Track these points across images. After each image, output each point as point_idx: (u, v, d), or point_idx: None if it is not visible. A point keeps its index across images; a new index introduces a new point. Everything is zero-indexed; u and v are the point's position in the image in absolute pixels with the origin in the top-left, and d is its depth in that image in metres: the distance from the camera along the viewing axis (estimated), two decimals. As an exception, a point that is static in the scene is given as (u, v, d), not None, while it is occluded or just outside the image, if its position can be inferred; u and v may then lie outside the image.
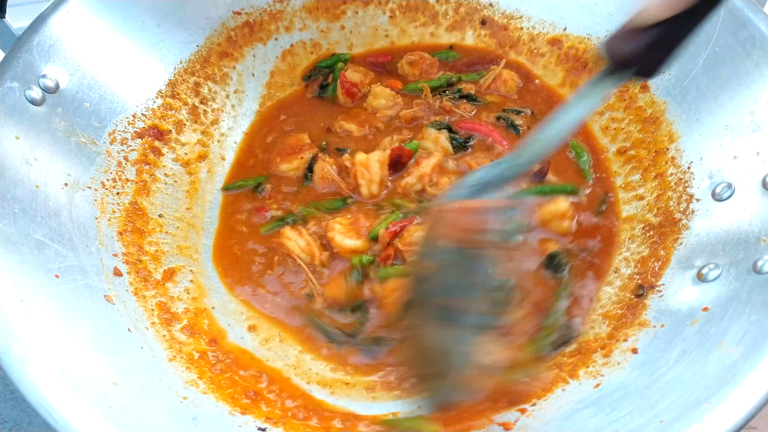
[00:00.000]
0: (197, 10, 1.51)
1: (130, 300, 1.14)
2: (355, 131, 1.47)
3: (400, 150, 1.33)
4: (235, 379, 1.09)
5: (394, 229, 1.20)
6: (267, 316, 1.23)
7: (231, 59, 1.58)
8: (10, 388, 1.23)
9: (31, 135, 1.14)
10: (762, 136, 1.10)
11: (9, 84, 1.13)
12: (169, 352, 1.08)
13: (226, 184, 1.45)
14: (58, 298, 1.00)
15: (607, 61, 0.87)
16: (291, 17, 1.62)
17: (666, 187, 1.25)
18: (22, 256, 1.01)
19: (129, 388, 0.93)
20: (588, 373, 1.03)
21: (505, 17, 1.62)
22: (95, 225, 1.20)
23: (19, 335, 0.88)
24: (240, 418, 0.98)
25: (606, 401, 0.94)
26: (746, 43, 1.16)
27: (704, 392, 0.84)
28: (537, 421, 0.96)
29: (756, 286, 0.95)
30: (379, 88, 1.51)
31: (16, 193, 1.07)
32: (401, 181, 1.33)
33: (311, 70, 1.64)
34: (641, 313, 1.09)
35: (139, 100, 1.40)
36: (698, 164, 1.20)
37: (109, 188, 1.27)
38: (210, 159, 1.47)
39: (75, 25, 1.27)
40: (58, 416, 0.82)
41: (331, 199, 1.35)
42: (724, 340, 0.91)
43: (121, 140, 1.33)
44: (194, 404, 0.98)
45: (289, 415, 1.04)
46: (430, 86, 1.51)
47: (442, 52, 1.62)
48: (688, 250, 1.12)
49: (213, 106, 1.53)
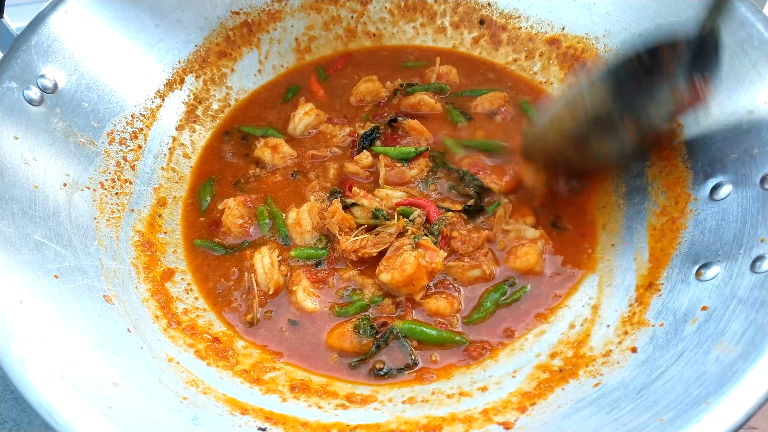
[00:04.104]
0: (195, 10, 1.51)
1: (130, 300, 1.14)
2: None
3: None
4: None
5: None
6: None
7: (229, 59, 1.58)
8: (10, 388, 1.23)
9: (30, 135, 1.14)
10: (760, 135, 1.10)
11: (7, 84, 1.13)
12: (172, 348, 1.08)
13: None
14: (57, 298, 1.00)
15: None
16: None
17: (665, 187, 1.25)
18: (21, 256, 1.01)
19: (129, 388, 0.93)
20: (587, 372, 1.03)
21: (503, 17, 1.63)
22: (94, 225, 1.20)
23: (19, 335, 0.88)
24: (240, 418, 0.98)
25: (605, 400, 0.94)
26: (744, 43, 1.16)
27: (703, 391, 0.84)
28: (537, 421, 0.96)
29: (754, 285, 0.95)
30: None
31: (14, 193, 1.07)
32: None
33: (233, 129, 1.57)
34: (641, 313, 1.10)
35: (137, 100, 1.40)
36: (696, 164, 1.21)
37: (108, 188, 1.27)
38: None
39: (73, 25, 1.26)
40: (58, 416, 0.81)
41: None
42: (722, 338, 0.91)
43: (120, 140, 1.33)
44: (194, 404, 0.98)
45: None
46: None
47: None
48: (686, 250, 1.12)
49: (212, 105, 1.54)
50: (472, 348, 1.16)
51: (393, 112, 1.55)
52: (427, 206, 1.30)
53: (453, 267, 1.24)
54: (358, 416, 1.03)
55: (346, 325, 1.17)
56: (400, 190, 1.37)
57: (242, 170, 1.46)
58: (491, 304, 1.20)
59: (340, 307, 1.21)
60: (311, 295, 1.22)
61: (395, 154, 1.40)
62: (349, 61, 1.70)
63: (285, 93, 1.63)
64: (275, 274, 1.23)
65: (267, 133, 1.52)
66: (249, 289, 1.25)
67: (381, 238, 1.24)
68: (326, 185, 1.41)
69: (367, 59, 1.71)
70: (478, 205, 1.33)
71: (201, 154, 1.50)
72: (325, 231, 1.30)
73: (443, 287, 1.24)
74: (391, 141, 1.46)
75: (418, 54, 1.71)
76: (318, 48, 1.70)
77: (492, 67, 1.65)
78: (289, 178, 1.43)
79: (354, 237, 1.24)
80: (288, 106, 1.59)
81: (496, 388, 1.07)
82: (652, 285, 1.12)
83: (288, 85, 1.65)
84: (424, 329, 1.16)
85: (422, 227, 1.27)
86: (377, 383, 1.12)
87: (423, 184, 1.40)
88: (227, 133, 1.54)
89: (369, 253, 1.23)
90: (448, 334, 1.16)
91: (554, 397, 1.00)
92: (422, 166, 1.40)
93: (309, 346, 1.17)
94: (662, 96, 1.14)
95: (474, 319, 1.19)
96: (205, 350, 1.13)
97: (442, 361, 1.15)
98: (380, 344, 1.15)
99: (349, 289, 1.23)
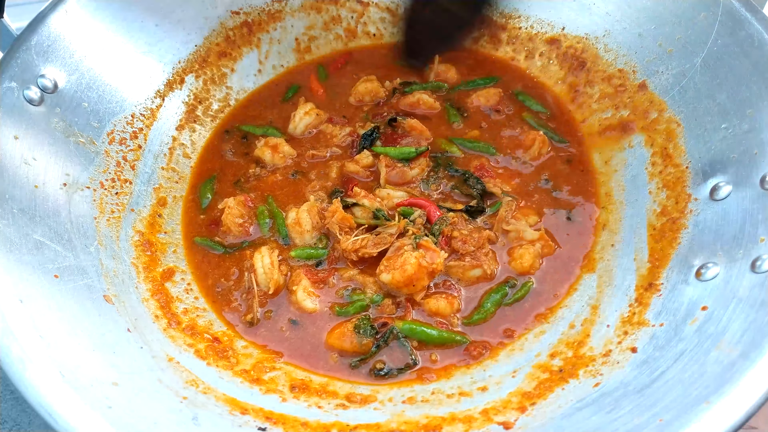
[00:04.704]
0: (195, 10, 1.51)
1: (130, 300, 1.14)
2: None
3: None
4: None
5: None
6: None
7: (229, 59, 1.58)
8: (10, 388, 1.23)
9: (30, 135, 1.14)
10: (760, 135, 1.10)
11: (7, 84, 1.13)
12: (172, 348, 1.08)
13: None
14: (57, 298, 1.00)
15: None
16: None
17: (664, 187, 1.25)
18: (21, 256, 1.01)
19: (129, 388, 0.93)
20: (587, 372, 1.03)
21: (503, 17, 1.62)
22: (94, 225, 1.20)
23: (19, 335, 0.88)
24: (240, 418, 0.98)
25: (605, 400, 0.94)
26: (744, 43, 1.16)
27: (703, 391, 0.84)
28: (537, 420, 0.96)
29: (755, 285, 0.95)
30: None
31: (14, 193, 1.07)
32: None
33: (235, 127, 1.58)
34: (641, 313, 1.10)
35: (137, 100, 1.40)
36: (696, 164, 1.21)
37: (108, 188, 1.27)
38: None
39: (73, 25, 1.26)
40: (58, 416, 0.82)
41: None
42: (722, 339, 0.91)
43: (120, 140, 1.33)
44: (194, 404, 0.97)
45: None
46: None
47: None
48: (686, 250, 1.12)
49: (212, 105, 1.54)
50: (472, 348, 1.16)
51: (393, 111, 1.55)
52: (427, 206, 1.30)
53: (454, 267, 1.24)
54: (358, 416, 1.03)
55: (347, 325, 1.17)
56: (402, 189, 1.37)
57: (242, 169, 1.46)
58: (492, 305, 1.20)
59: (340, 307, 1.21)
60: (311, 295, 1.22)
61: (395, 154, 1.40)
62: (349, 59, 1.70)
63: (285, 92, 1.63)
64: (275, 274, 1.23)
65: (267, 133, 1.52)
66: (249, 288, 1.25)
67: (381, 238, 1.24)
68: (327, 185, 1.41)
69: (366, 57, 1.71)
70: (480, 206, 1.33)
71: (201, 154, 1.50)
72: (325, 231, 1.30)
73: (444, 287, 1.24)
74: (391, 141, 1.46)
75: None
76: (318, 48, 1.70)
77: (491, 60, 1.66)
78: (289, 178, 1.43)
79: (354, 237, 1.24)
80: (288, 106, 1.59)
81: (496, 388, 1.07)
82: (652, 285, 1.12)
83: (288, 84, 1.65)
84: (425, 329, 1.16)
85: (423, 227, 1.27)
86: (377, 383, 1.12)
87: (424, 183, 1.40)
88: (227, 132, 1.54)
89: (369, 253, 1.23)
90: (449, 334, 1.16)
91: (554, 397, 1.00)
92: (423, 165, 1.40)
93: (309, 346, 1.17)
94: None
95: (474, 319, 1.19)
96: (205, 350, 1.13)
97: (442, 361, 1.15)
98: (380, 344, 1.15)
99: (349, 289, 1.23)
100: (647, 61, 1.37)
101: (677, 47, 1.30)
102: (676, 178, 1.23)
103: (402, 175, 1.39)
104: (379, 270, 1.20)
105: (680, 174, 1.23)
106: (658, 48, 1.34)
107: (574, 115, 1.50)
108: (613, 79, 1.44)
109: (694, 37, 1.26)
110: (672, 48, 1.31)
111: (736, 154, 1.13)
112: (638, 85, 1.38)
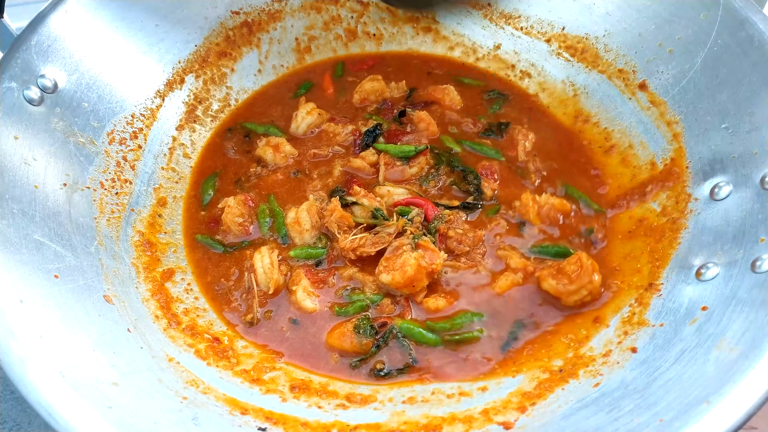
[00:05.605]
0: (195, 10, 1.51)
1: (130, 300, 1.14)
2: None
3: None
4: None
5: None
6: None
7: (229, 59, 1.58)
8: (10, 388, 1.23)
9: (30, 135, 1.14)
10: (760, 135, 1.10)
11: (7, 84, 1.13)
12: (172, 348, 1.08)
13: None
14: (57, 298, 1.00)
15: None
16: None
17: (664, 187, 1.25)
18: (21, 256, 1.00)
19: (129, 388, 0.93)
20: (587, 373, 1.03)
21: (503, 17, 1.62)
22: (94, 225, 1.20)
23: (19, 335, 0.88)
24: (240, 418, 0.98)
25: (605, 400, 0.94)
26: (744, 43, 1.16)
27: (703, 391, 0.84)
28: (537, 421, 0.96)
29: (754, 285, 0.95)
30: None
31: (14, 193, 1.07)
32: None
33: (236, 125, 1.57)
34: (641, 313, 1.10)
35: (137, 100, 1.40)
36: (696, 164, 1.21)
37: (108, 188, 1.27)
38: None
39: (73, 25, 1.26)
40: (58, 416, 0.81)
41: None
42: (723, 339, 0.91)
43: (120, 140, 1.33)
44: (194, 404, 0.98)
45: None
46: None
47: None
48: (686, 250, 1.13)
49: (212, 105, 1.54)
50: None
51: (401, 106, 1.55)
52: (424, 205, 1.30)
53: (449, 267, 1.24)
54: (358, 416, 1.03)
55: (346, 325, 1.17)
56: (401, 187, 1.37)
57: (244, 167, 1.46)
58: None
59: (340, 307, 1.21)
60: (311, 295, 1.22)
61: (395, 151, 1.40)
62: (379, 62, 1.70)
63: (297, 89, 1.63)
64: (275, 274, 1.23)
65: (269, 131, 1.52)
66: (249, 288, 1.25)
67: (380, 238, 1.24)
68: (328, 183, 1.41)
69: (396, 62, 1.70)
70: (477, 201, 1.33)
71: (202, 153, 1.50)
72: (324, 230, 1.30)
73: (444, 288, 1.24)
74: (393, 138, 1.46)
75: (445, 66, 1.66)
76: (318, 48, 1.69)
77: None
78: (291, 177, 1.43)
79: (353, 235, 1.24)
80: (297, 102, 1.58)
81: (496, 388, 1.07)
82: (652, 285, 1.12)
83: (301, 80, 1.65)
84: (423, 331, 1.16)
85: (421, 226, 1.27)
86: (377, 383, 1.12)
87: (423, 180, 1.40)
88: (230, 130, 1.54)
89: (368, 252, 1.23)
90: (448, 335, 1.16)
91: (554, 397, 1.00)
92: (422, 164, 1.40)
93: (309, 346, 1.17)
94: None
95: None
96: (205, 350, 1.13)
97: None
98: (380, 344, 1.15)
99: (348, 289, 1.23)
100: (647, 61, 1.37)
101: (677, 47, 1.30)
102: (676, 177, 1.23)
103: (401, 174, 1.39)
104: (379, 270, 1.20)
105: (680, 173, 1.23)
106: (658, 48, 1.34)
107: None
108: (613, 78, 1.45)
109: (695, 37, 1.26)
110: (672, 48, 1.31)
111: (736, 154, 1.13)
112: (638, 85, 1.38)
